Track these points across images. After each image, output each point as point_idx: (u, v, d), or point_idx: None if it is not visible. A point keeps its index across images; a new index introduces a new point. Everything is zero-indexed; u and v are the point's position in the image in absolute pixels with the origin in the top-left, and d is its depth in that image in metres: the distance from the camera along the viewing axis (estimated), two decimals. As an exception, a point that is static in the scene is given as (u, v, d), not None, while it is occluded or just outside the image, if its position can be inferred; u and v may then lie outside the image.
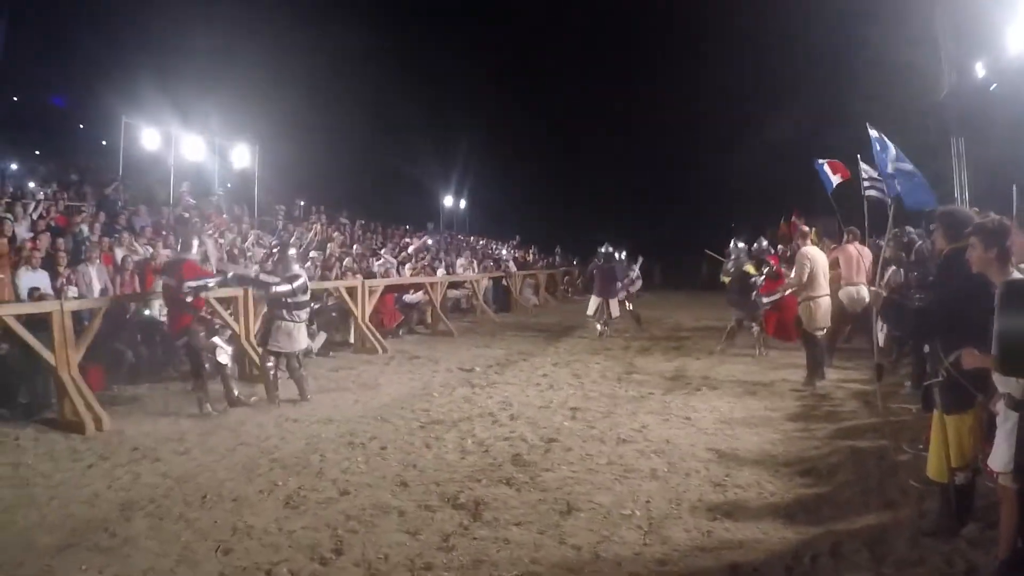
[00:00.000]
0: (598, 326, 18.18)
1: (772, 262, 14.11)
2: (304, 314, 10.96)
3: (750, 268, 14.42)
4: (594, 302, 18.32)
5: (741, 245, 15.04)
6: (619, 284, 18.38)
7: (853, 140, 12.34)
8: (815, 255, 11.32)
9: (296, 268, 10.92)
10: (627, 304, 19.00)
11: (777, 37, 36.55)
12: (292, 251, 11.22)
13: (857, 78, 26.09)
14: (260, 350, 11.15)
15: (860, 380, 11.37)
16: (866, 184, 10.41)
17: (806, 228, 12.25)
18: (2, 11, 26.72)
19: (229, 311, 12.34)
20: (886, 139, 11.16)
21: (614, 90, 53.19)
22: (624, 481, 6.80)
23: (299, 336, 10.80)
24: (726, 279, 15.02)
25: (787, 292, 12.76)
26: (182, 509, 6.29)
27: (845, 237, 12.72)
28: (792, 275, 11.71)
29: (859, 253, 12.07)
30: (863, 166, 11.43)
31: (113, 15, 36.76)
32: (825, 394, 10.60)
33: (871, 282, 10.86)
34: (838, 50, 29.77)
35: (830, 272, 11.84)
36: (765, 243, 15.01)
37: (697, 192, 46.35)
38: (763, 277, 13.85)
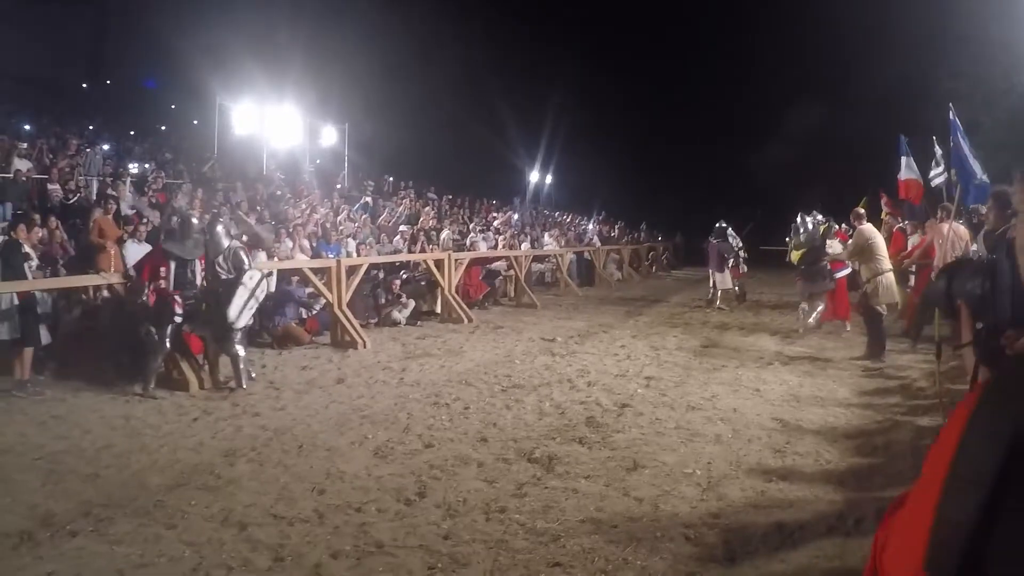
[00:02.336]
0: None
1: (840, 239, 14.36)
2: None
3: (836, 245, 14.54)
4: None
5: (809, 220, 14.91)
6: (727, 259, 19.19)
7: (941, 117, 12.45)
8: (872, 233, 11.50)
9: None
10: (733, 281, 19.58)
11: (864, 11, 36.00)
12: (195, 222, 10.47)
13: (945, 55, 25.65)
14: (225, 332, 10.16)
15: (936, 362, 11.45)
16: (935, 171, 10.62)
17: (860, 211, 12.33)
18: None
19: (323, 280, 13.00)
20: (960, 130, 11.29)
21: (705, 66, 52.91)
22: (689, 444, 7.22)
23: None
24: (796, 254, 14.76)
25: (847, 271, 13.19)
26: (280, 456, 6.91)
27: (939, 215, 12.60)
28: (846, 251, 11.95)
29: (953, 232, 11.81)
30: (937, 148, 11.60)
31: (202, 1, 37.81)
32: (898, 372, 10.75)
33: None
34: (926, 27, 29.24)
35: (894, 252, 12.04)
36: (820, 217, 14.82)
37: (781, 168, 45.84)
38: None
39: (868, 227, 11.67)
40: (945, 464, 1.16)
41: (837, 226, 14.89)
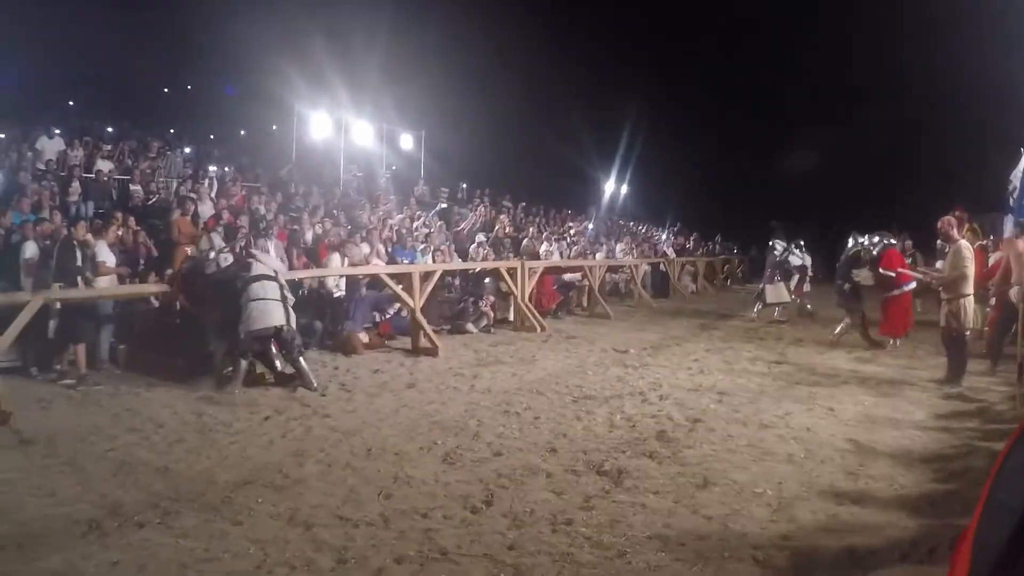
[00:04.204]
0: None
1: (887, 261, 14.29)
2: (271, 288, 10.25)
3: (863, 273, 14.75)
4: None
5: (863, 239, 15.13)
6: (771, 273, 19.40)
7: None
8: (970, 251, 10.96)
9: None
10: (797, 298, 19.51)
11: (947, 23, 35.25)
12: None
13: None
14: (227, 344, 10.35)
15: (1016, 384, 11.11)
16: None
17: (953, 219, 11.81)
18: None
19: (400, 286, 13.09)
20: None
21: (786, 77, 52.21)
22: (761, 463, 7.11)
23: (275, 311, 10.09)
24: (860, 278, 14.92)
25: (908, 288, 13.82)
26: (349, 459, 7.00)
27: (1015, 231, 12.26)
28: (947, 270, 11.27)
29: None
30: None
31: (280, 9, 38.42)
32: (976, 395, 10.43)
33: None
34: (1008, 34, 28.44)
35: (999, 271, 11.66)
36: (876, 239, 14.91)
37: (858, 183, 45.12)
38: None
39: (966, 245, 11.07)
40: (987, 489, 1.18)
41: (888, 243, 14.73)
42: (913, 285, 14.45)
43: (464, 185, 28.94)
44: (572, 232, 25.44)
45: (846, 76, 46.51)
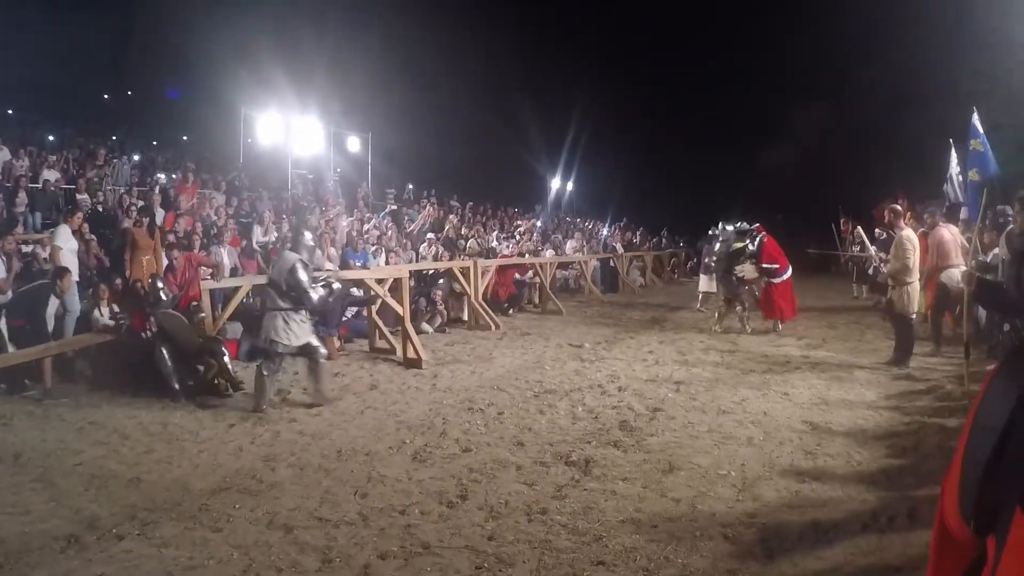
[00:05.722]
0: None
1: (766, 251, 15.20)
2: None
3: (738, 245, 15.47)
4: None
5: (729, 228, 15.89)
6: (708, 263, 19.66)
7: (960, 118, 12.46)
8: (914, 240, 11.22)
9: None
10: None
11: (883, 10, 35.84)
12: (308, 235, 9.79)
13: (964, 54, 25.43)
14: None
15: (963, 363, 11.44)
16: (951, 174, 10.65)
17: (898, 208, 12.14)
18: None
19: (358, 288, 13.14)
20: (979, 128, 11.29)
21: (725, 71, 52.78)
22: (722, 446, 7.34)
23: (300, 330, 9.46)
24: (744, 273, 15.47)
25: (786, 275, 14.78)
26: (320, 461, 7.08)
27: (934, 220, 12.55)
28: (892, 260, 11.44)
29: (952, 235, 11.90)
30: (954, 154, 11.61)
31: (224, 13, 38.13)
32: (924, 376, 10.75)
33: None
34: (944, 26, 29.03)
35: (923, 256, 11.98)
36: (746, 224, 15.96)
37: (799, 174, 45.70)
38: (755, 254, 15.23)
39: (910, 234, 11.31)
40: (971, 416, 1.42)
41: (759, 237, 15.45)
42: (789, 273, 15.48)
43: (410, 186, 28.96)
44: (521, 230, 25.56)
45: (785, 70, 47.08)
